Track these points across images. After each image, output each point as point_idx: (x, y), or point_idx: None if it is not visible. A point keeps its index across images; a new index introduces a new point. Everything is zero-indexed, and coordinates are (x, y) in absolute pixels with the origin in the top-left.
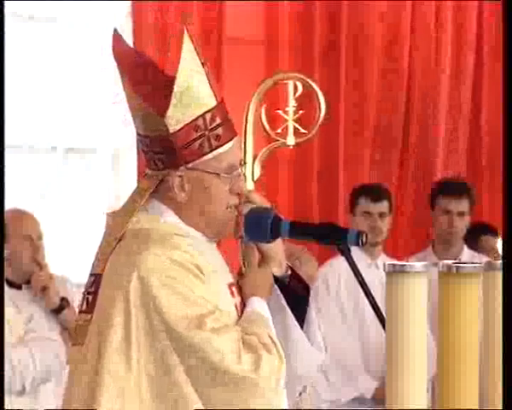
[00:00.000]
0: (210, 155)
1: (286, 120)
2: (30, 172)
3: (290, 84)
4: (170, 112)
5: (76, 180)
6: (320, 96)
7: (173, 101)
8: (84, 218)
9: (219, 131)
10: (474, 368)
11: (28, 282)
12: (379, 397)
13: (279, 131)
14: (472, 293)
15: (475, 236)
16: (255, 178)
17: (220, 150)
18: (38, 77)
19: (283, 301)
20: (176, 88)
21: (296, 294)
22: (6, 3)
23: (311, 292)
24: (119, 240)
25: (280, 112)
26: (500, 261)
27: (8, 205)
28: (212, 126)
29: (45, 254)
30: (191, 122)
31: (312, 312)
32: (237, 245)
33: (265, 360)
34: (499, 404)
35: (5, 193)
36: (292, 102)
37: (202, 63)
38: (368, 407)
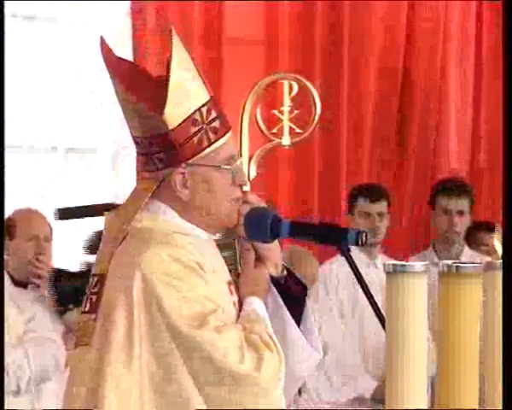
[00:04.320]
0: (209, 149)
1: (282, 120)
2: (30, 172)
3: (285, 84)
4: (167, 108)
5: (76, 180)
6: (315, 96)
7: (169, 97)
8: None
9: (216, 123)
10: (474, 368)
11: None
12: (378, 397)
13: (275, 131)
14: (472, 293)
15: (474, 234)
16: (251, 178)
17: (219, 143)
18: (38, 77)
19: (281, 301)
20: (170, 85)
21: (292, 294)
22: (6, 3)
23: (309, 292)
24: (122, 240)
25: (275, 112)
26: (500, 261)
27: (8, 205)
28: (209, 120)
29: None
30: (189, 117)
31: (309, 312)
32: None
33: (268, 359)
34: (499, 404)
35: (5, 193)
36: (287, 102)
37: (192, 58)
38: (367, 407)
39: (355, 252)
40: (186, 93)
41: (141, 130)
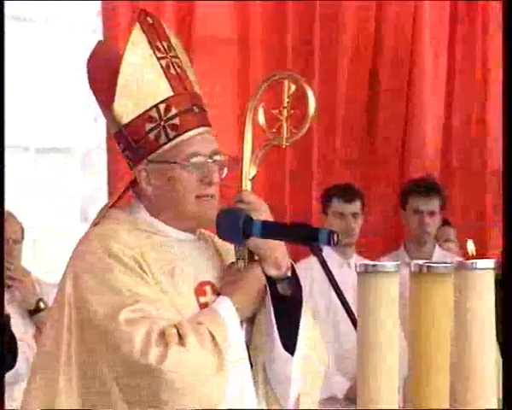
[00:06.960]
0: (168, 145)
1: (280, 120)
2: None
3: (285, 83)
4: (116, 105)
5: (48, 180)
6: (310, 95)
7: (118, 94)
8: (56, 218)
9: (176, 121)
10: (446, 368)
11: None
12: (351, 397)
13: (274, 130)
14: (443, 293)
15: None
16: (250, 177)
17: (178, 140)
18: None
19: (269, 302)
20: (120, 81)
21: (289, 297)
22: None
23: None
24: None
25: (275, 112)
26: (471, 261)
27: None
28: (168, 117)
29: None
30: (143, 113)
31: (305, 316)
32: None
33: (173, 353)
34: (469, 404)
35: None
36: (286, 102)
37: (159, 57)
38: (341, 407)
39: (329, 252)
40: (140, 90)
41: (111, 128)
